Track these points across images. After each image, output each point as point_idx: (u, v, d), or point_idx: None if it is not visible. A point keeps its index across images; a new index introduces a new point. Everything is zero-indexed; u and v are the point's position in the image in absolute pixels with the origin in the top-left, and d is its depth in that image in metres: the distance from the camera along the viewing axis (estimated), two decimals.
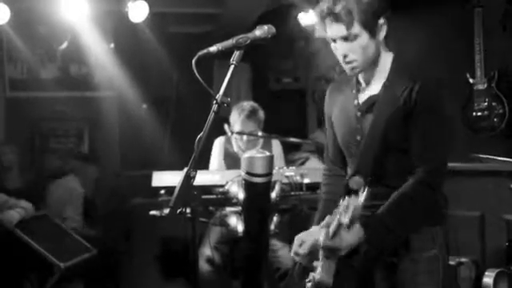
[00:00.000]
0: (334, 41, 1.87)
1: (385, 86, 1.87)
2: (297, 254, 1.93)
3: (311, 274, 1.89)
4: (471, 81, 3.96)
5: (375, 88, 1.91)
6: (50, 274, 3.48)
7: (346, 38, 1.82)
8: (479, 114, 3.94)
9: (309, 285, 1.89)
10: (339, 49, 1.86)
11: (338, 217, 1.69)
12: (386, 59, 1.91)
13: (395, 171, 1.85)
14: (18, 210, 3.67)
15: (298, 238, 1.95)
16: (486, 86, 3.93)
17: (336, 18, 1.80)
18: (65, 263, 3.55)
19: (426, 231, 1.87)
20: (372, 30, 1.82)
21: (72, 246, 3.92)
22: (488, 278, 3.29)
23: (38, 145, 5.82)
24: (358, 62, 1.86)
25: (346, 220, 1.66)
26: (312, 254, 1.89)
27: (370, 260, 1.88)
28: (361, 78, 1.95)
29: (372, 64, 1.89)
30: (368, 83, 1.94)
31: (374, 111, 1.87)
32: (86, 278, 4.02)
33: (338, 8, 1.79)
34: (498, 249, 3.64)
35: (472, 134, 3.95)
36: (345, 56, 1.85)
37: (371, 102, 1.90)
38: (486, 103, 3.93)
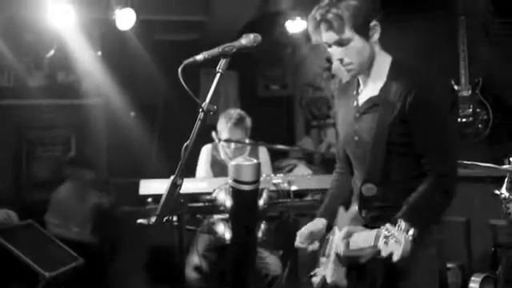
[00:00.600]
0: (330, 46, 1.92)
1: (383, 91, 1.91)
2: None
3: (316, 270, 1.94)
4: (456, 87, 4.00)
5: (373, 89, 1.95)
6: (35, 284, 3.44)
7: (339, 43, 1.88)
8: (464, 120, 3.97)
9: (315, 279, 1.97)
10: (335, 53, 1.92)
11: (378, 244, 1.67)
12: (383, 60, 1.95)
13: (400, 175, 1.90)
14: (2, 214, 3.66)
15: (300, 234, 2.06)
16: (470, 92, 3.97)
17: (328, 24, 1.85)
18: (50, 273, 3.50)
19: (428, 230, 1.89)
20: (364, 33, 1.87)
21: (58, 255, 3.87)
22: (474, 284, 3.30)
23: (25, 153, 5.77)
24: (354, 65, 1.92)
25: (387, 253, 1.63)
26: (312, 238, 2.02)
27: (376, 262, 1.91)
28: (360, 79, 2.01)
29: (369, 65, 1.94)
30: (366, 84, 1.99)
31: (374, 117, 1.91)
32: (72, 287, 3.98)
33: (330, 15, 1.84)
34: (483, 254, 3.67)
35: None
36: (341, 60, 1.92)
37: (369, 105, 1.95)
38: (470, 109, 3.97)
